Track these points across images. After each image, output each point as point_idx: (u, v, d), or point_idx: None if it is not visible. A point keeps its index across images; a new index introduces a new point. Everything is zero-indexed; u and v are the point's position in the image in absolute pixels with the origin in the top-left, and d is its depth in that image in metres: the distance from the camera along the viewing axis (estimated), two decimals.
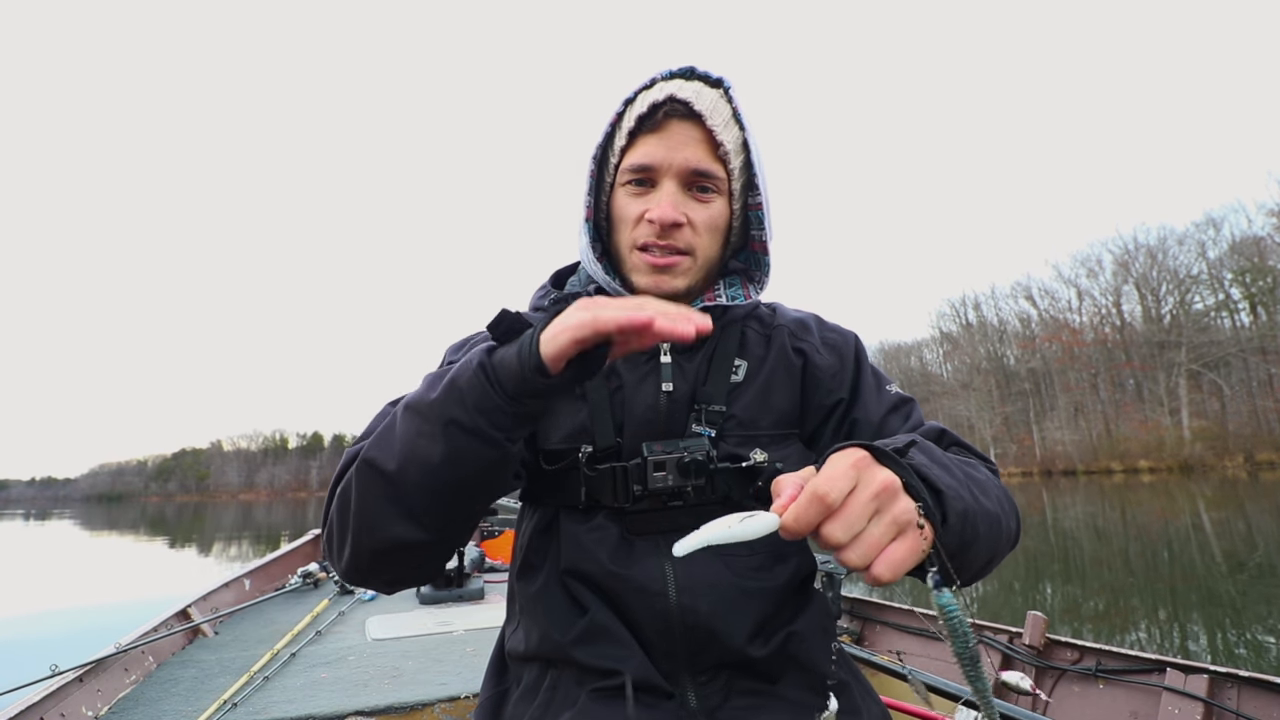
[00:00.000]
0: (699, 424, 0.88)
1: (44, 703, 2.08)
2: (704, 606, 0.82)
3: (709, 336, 0.93)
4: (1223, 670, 2.06)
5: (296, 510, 49.44)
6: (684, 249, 0.87)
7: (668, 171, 0.85)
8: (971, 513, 0.66)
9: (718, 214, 0.88)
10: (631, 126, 0.85)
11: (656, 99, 0.84)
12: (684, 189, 0.86)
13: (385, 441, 0.72)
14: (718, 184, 0.86)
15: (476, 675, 2.55)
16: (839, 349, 0.99)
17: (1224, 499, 20.96)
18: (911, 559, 0.56)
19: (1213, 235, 51.89)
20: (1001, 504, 0.76)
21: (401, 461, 0.70)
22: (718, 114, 0.85)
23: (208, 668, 2.79)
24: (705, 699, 0.83)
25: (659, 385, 0.90)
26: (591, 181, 0.92)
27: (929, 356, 76.50)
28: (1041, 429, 59.31)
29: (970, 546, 0.67)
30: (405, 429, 0.71)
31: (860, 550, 0.54)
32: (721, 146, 0.84)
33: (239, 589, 4.23)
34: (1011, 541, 0.79)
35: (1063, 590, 8.14)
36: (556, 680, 0.85)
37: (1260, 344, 46.86)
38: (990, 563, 0.76)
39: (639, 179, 0.86)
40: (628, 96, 0.88)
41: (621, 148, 0.87)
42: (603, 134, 0.90)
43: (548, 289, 1.03)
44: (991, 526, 0.71)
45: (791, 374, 0.95)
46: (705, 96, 0.85)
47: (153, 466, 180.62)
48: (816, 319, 1.03)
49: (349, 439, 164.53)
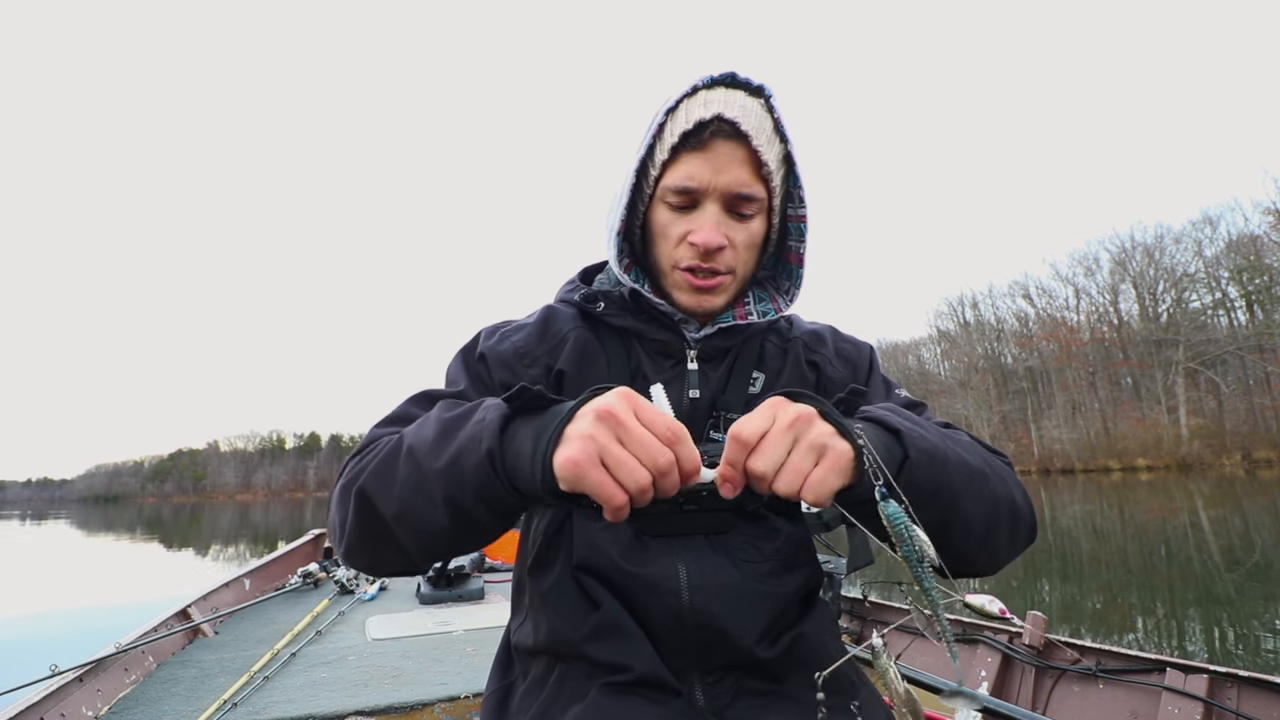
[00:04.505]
0: (717, 431, 0.90)
1: (44, 703, 2.07)
2: (716, 607, 0.82)
3: (732, 346, 0.94)
4: (1222, 670, 2.07)
5: (294, 511, 49.35)
6: (725, 270, 0.87)
7: (712, 194, 0.84)
8: (940, 454, 0.68)
9: (757, 232, 0.87)
10: (675, 142, 0.83)
11: (703, 117, 0.81)
12: (726, 211, 0.85)
13: (385, 482, 0.72)
14: (758, 204, 0.85)
15: (476, 675, 2.55)
16: (852, 360, 0.99)
17: (1221, 497, 20.99)
18: (833, 477, 0.59)
19: (1209, 233, 51.98)
20: (989, 464, 0.77)
21: (399, 511, 0.70)
22: (762, 131, 0.83)
23: (208, 668, 2.79)
24: (713, 698, 0.83)
25: (684, 391, 0.91)
26: (631, 195, 0.90)
27: (926, 355, 76.54)
28: (1039, 427, 59.37)
29: (946, 491, 0.68)
30: (405, 480, 0.70)
31: (785, 478, 0.59)
32: (765, 167, 0.83)
33: (239, 589, 4.23)
34: (1015, 511, 0.78)
35: (1061, 589, 8.15)
36: (565, 674, 0.85)
37: (1257, 342, 46.94)
38: (993, 529, 0.75)
39: (682, 202, 0.85)
40: (669, 105, 0.85)
41: (663, 161, 0.85)
42: (644, 145, 0.87)
43: (576, 284, 1.03)
44: (974, 478, 0.72)
45: (805, 386, 0.96)
46: (751, 113, 0.83)
47: (149, 467, 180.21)
48: (832, 331, 1.04)
49: (346, 440, 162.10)
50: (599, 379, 0.90)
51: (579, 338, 0.93)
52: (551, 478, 0.60)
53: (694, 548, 0.85)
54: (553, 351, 0.93)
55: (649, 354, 0.93)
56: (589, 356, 0.92)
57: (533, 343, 0.93)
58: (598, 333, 0.94)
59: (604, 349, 0.93)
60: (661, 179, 0.86)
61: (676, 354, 0.92)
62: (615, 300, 0.94)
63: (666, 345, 0.92)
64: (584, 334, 0.93)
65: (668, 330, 0.92)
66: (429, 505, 0.68)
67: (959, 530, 0.72)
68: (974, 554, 0.76)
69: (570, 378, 0.91)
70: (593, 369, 0.91)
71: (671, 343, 0.92)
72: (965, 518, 0.71)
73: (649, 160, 0.88)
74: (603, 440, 0.58)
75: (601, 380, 0.90)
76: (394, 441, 0.74)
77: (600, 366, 0.92)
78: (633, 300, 0.93)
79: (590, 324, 0.95)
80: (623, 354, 0.92)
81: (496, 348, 0.92)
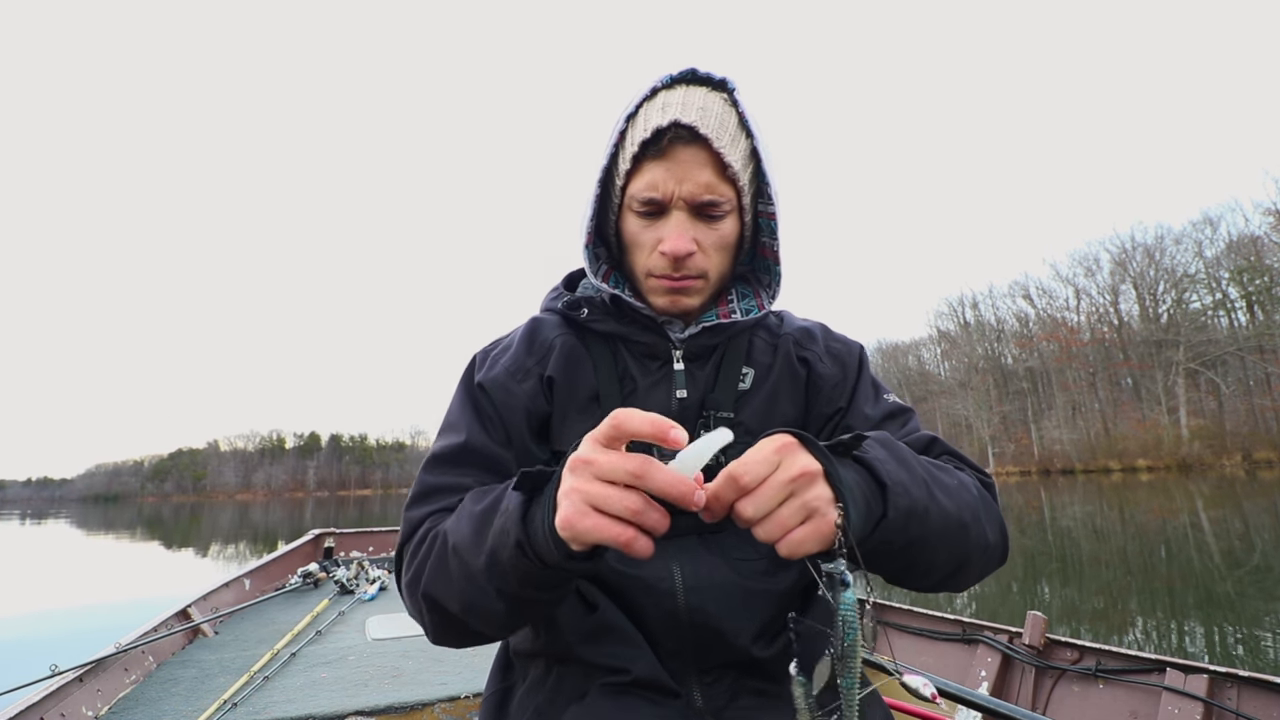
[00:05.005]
0: (708, 430, 0.89)
1: (44, 703, 2.07)
2: (711, 606, 0.82)
3: (718, 344, 0.93)
4: (1222, 670, 2.07)
5: (294, 510, 49.40)
6: (696, 275, 0.86)
7: (676, 201, 0.82)
8: (920, 509, 0.67)
9: (728, 233, 0.86)
10: (635, 151, 0.82)
11: (660, 124, 0.79)
12: (693, 215, 0.84)
13: (444, 582, 0.75)
14: (726, 205, 0.84)
15: (476, 675, 2.55)
16: (842, 359, 0.98)
17: (1222, 498, 20.99)
18: (812, 542, 0.59)
19: (1210, 234, 52.11)
20: (974, 511, 0.75)
21: (462, 607, 0.74)
22: (724, 130, 0.81)
23: (208, 668, 2.79)
24: (711, 698, 0.83)
25: (671, 391, 0.90)
26: (596, 205, 0.90)
27: (927, 356, 76.66)
28: (1039, 428, 59.39)
29: (918, 544, 0.68)
30: (459, 578, 0.73)
31: (767, 528, 0.59)
32: (730, 168, 0.81)
33: (239, 589, 4.23)
34: (987, 551, 0.78)
35: (1061, 590, 8.15)
36: (563, 675, 0.86)
37: (1257, 343, 46.96)
38: (960, 570, 0.75)
39: (648, 210, 0.84)
40: (629, 111, 0.85)
41: (626, 171, 0.84)
42: (606, 154, 0.87)
43: (560, 291, 1.03)
44: (951, 529, 0.71)
45: (796, 382, 0.95)
46: (710, 112, 0.81)
47: (149, 467, 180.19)
48: (823, 328, 1.03)
49: (346, 439, 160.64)
50: (586, 383, 0.91)
51: (564, 344, 0.93)
52: (564, 544, 0.61)
53: (688, 547, 0.85)
54: (542, 361, 0.93)
55: (635, 357, 0.93)
56: (575, 361, 0.92)
57: (521, 357, 0.93)
58: (583, 338, 0.94)
59: (590, 354, 0.93)
60: (627, 188, 0.85)
61: (662, 355, 0.92)
62: (598, 305, 0.94)
63: (651, 347, 0.92)
64: (569, 340, 0.94)
65: (651, 332, 0.92)
66: (486, 598, 0.71)
67: (921, 573, 0.73)
68: (934, 587, 0.78)
69: (559, 384, 0.91)
70: (579, 373, 0.92)
71: (656, 344, 0.92)
72: (930, 563, 0.72)
73: (614, 169, 0.87)
74: (581, 486, 0.58)
75: (588, 384, 0.91)
76: (441, 538, 0.77)
77: (587, 371, 0.92)
78: (614, 305, 0.93)
79: (576, 330, 0.95)
80: (609, 358, 0.92)
81: (490, 374, 0.93)
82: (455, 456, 0.87)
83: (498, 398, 0.91)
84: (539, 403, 0.91)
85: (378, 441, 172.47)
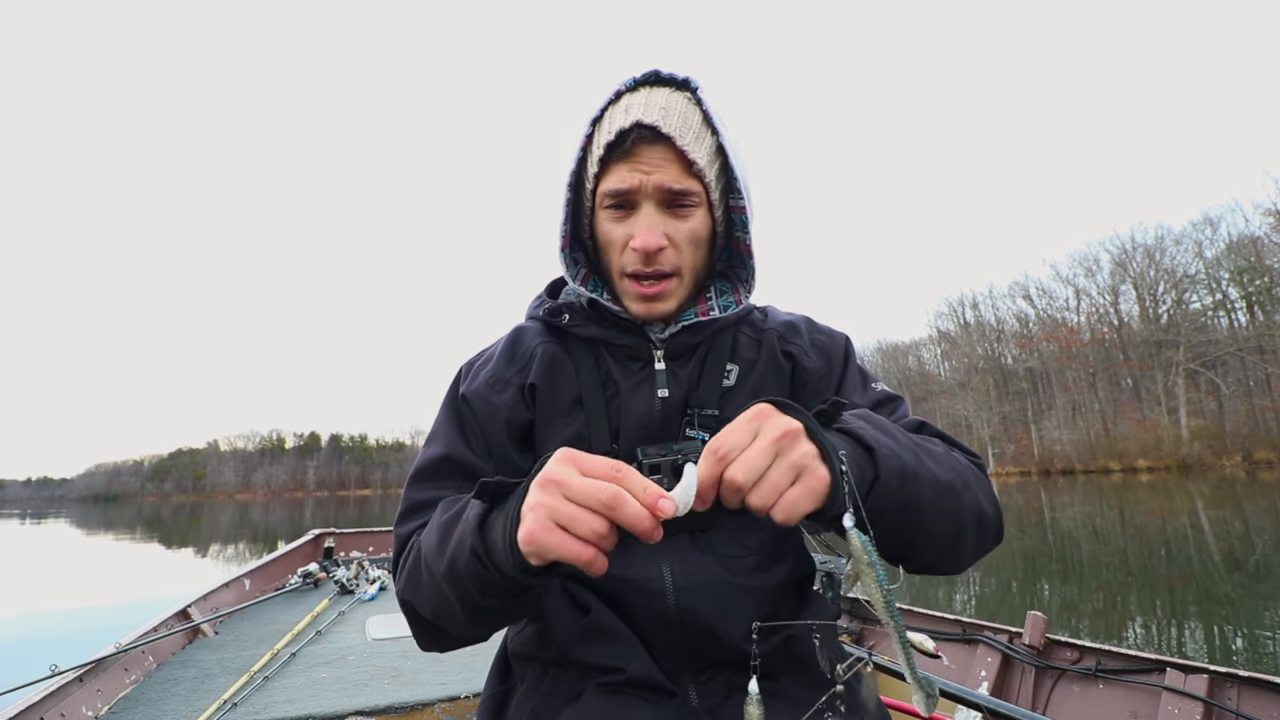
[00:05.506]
0: (692, 428, 0.89)
1: (44, 703, 2.08)
2: (702, 606, 0.83)
3: (700, 342, 0.94)
4: (1222, 670, 2.07)
5: (294, 510, 49.42)
6: (670, 270, 0.87)
7: (645, 194, 0.84)
8: (911, 472, 0.68)
9: (699, 226, 0.87)
10: (601, 154, 0.84)
11: (623, 126, 0.81)
12: (662, 208, 0.85)
13: (416, 590, 0.80)
14: (695, 198, 0.86)
15: (476, 675, 2.55)
16: (828, 351, 0.98)
17: (1222, 498, 21.00)
18: (806, 500, 0.59)
19: (1210, 235, 52.05)
20: (963, 478, 0.76)
21: (432, 613, 0.79)
22: (687, 128, 0.83)
23: (208, 668, 2.79)
24: (706, 697, 0.83)
25: (654, 391, 0.90)
26: (569, 209, 0.91)
27: (926, 356, 76.66)
28: (1039, 428, 59.37)
29: (914, 509, 0.68)
30: (427, 585, 0.77)
31: (761, 493, 0.59)
32: (695, 164, 0.83)
33: (239, 589, 4.23)
34: (982, 519, 0.77)
35: (1061, 590, 8.15)
36: (559, 677, 0.86)
37: (1257, 343, 46.94)
38: (958, 539, 0.75)
39: (617, 204, 0.86)
40: (594, 115, 0.86)
41: (595, 174, 0.86)
42: (574, 159, 0.88)
43: (543, 299, 1.03)
44: (943, 493, 0.71)
45: (781, 377, 0.95)
46: (673, 112, 0.83)
47: (149, 467, 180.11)
48: (807, 321, 1.03)
49: (346, 439, 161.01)
50: (568, 388, 0.92)
51: (545, 351, 0.94)
52: (522, 557, 0.62)
53: (677, 547, 0.86)
54: (523, 370, 0.94)
55: (616, 359, 0.93)
56: (557, 367, 0.93)
57: (501, 368, 0.95)
58: (565, 344, 0.95)
59: (572, 359, 0.93)
60: (597, 190, 0.87)
61: (644, 356, 0.92)
62: (579, 311, 0.94)
63: (632, 349, 0.92)
64: (551, 347, 0.94)
65: (632, 334, 0.92)
66: (448, 605, 0.75)
67: (923, 543, 0.73)
68: (936, 563, 0.77)
69: (541, 390, 0.92)
70: (561, 379, 0.92)
71: (637, 346, 0.92)
72: (930, 532, 0.72)
73: (583, 173, 0.89)
74: (550, 503, 0.59)
75: (571, 389, 0.92)
76: (416, 549, 0.81)
77: (569, 376, 0.92)
78: (593, 309, 0.93)
79: (558, 336, 0.96)
80: (591, 362, 0.93)
81: (472, 386, 0.94)
82: (437, 469, 0.90)
83: (479, 409, 0.92)
84: (519, 412, 0.92)
85: (378, 441, 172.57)
